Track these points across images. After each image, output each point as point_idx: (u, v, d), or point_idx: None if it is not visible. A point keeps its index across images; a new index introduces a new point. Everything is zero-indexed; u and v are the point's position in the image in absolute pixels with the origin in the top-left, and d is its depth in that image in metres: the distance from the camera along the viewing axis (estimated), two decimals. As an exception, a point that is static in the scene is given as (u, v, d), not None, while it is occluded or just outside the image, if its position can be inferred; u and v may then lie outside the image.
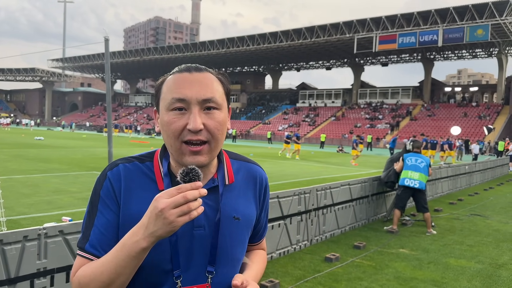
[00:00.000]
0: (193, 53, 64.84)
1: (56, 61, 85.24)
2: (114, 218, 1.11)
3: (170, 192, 0.95)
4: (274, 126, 59.95)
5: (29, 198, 8.76)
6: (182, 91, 1.08)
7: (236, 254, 1.19)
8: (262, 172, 1.33)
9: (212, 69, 1.19)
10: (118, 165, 1.16)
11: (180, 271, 1.10)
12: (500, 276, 5.19)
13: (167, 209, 0.93)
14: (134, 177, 1.14)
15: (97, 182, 1.15)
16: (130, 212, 1.10)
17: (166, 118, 1.09)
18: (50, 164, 15.37)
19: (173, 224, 0.94)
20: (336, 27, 51.24)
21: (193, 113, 1.07)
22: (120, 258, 0.99)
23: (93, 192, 1.15)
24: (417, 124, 49.82)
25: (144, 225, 0.97)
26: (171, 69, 5.92)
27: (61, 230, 3.15)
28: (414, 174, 7.49)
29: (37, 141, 30.29)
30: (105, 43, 5.24)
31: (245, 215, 1.21)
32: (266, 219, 1.38)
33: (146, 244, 0.97)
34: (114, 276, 1.00)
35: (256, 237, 1.36)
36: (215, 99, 1.10)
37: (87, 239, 1.10)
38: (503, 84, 51.44)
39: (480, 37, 42.56)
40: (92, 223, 1.11)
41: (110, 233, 1.10)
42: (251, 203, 1.25)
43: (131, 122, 75.42)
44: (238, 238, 1.19)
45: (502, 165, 19.85)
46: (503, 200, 11.66)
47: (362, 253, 5.90)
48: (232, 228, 1.17)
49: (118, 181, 1.13)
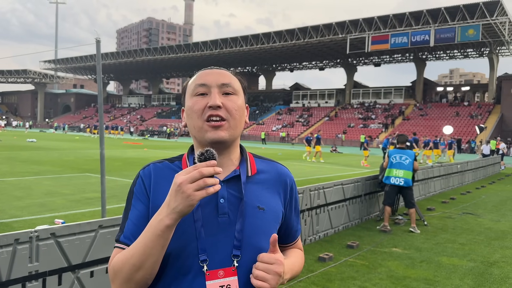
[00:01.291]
0: (186, 54, 64.70)
1: (48, 62, 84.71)
2: (145, 210, 1.18)
3: (188, 169, 1.03)
4: (268, 127, 59.99)
5: (21, 201, 8.70)
6: (203, 77, 1.23)
7: (261, 243, 1.20)
8: (288, 172, 1.38)
9: (230, 70, 1.31)
10: (149, 165, 1.26)
11: (206, 255, 1.13)
12: (491, 274, 5.24)
13: (185, 183, 1.00)
14: (163, 173, 1.23)
15: (132, 183, 1.25)
16: (159, 202, 1.14)
17: (190, 102, 1.22)
18: (42, 166, 15.27)
19: (191, 197, 1.00)
20: (328, 27, 51.41)
21: (213, 93, 1.19)
22: (148, 239, 1.05)
23: (129, 192, 1.25)
24: (410, 123, 50.10)
25: (166, 203, 1.04)
26: (164, 70, 5.94)
27: (53, 232, 3.14)
28: (399, 172, 7.54)
29: (30, 143, 30.07)
30: (97, 45, 5.22)
31: (270, 207, 1.24)
32: (298, 220, 1.41)
33: (170, 221, 1.03)
34: (144, 257, 1.06)
35: (289, 238, 1.38)
36: (232, 85, 1.23)
37: (122, 231, 1.18)
38: (494, 83, 51.90)
39: (471, 37, 42.92)
40: (127, 217, 1.20)
41: (142, 223, 1.16)
42: (277, 199, 1.28)
43: (125, 123, 75.14)
44: (263, 228, 1.21)
45: (494, 163, 20.03)
46: (495, 198, 11.77)
47: (355, 253, 5.93)
48: (256, 217, 1.20)
49: (148, 178, 1.22)
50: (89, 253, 3.34)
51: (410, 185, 7.49)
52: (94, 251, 3.37)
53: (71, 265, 3.23)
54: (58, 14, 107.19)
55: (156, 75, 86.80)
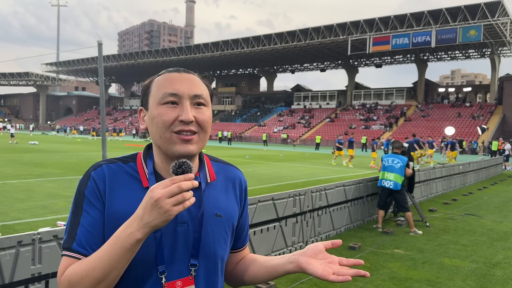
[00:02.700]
0: (187, 56, 64.82)
1: (50, 65, 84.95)
2: (100, 216, 1.11)
3: (165, 183, 0.98)
4: (269, 128, 60.00)
5: (24, 203, 8.72)
6: (175, 86, 1.14)
7: (218, 251, 1.20)
8: (242, 175, 1.37)
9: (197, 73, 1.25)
10: (101, 166, 1.17)
11: (164, 267, 1.11)
12: (494, 275, 5.23)
13: (163, 198, 0.96)
14: (118, 177, 1.16)
15: (81, 182, 1.16)
16: (115, 210, 1.11)
17: (157, 111, 1.13)
18: (44, 169, 15.30)
19: (169, 212, 0.96)
20: (330, 29, 51.45)
21: (185, 105, 1.13)
22: (114, 252, 1.00)
23: (76, 193, 1.16)
24: (412, 124, 50.06)
25: (139, 217, 0.99)
26: (166, 73, 5.64)
27: (55, 235, 3.15)
28: (389, 175, 7.63)
29: (32, 146, 30.14)
30: (99, 47, 5.24)
31: (227, 213, 1.24)
32: (247, 223, 1.40)
33: (141, 235, 0.99)
34: (108, 270, 1.01)
35: (239, 241, 1.37)
36: (204, 96, 1.17)
37: (74, 239, 1.10)
38: (496, 84, 51.83)
39: (473, 37, 42.89)
40: (78, 223, 1.11)
41: (97, 231, 1.10)
42: (233, 202, 1.28)
43: (126, 125, 75.25)
44: (220, 235, 1.21)
45: (496, 164, 19.99)
46: (497, 199, 11.74)
47: (357, 254, 5.93)
48: (214, 225, 1.19)
49: (102, 181, 1.14)
50: (91, 255, 3.35)
51: (399, 188, 7.55)
52: (96, 253, 3.38)
53: (73, 267, 3.23)
54: (59, 17, 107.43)
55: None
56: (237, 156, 25.92)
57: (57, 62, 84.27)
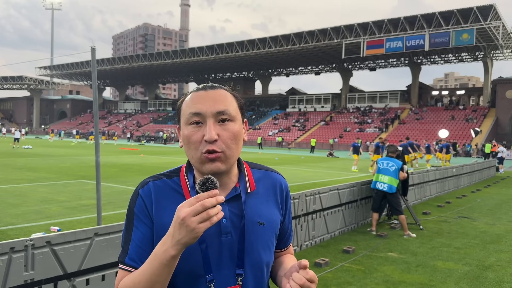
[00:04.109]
0: (182, 59, 64.80)
1: (44, 68, 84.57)
2: (149, 231, 1.20)
3: (190, 201, 1.03)
4: (264, 131, 60.05)
5: (17, 208, 8.67)
6: (198, 106, 1.19)
7: (263, 258, 1.25)
8: (283, 179, 1.40)
9: (227, 86, 1.29)
10: (148, 183, 1.25)
11: (212, 275, 1.18)
12: (487, 277, 5.27)
13: (188, 217, 1.00)
14: (163, 192, 1.24)
15: (131, 200, 1.25)
16: (163, 224, 1.18)
17: (186, 132, 1.20)
18: (38, 173, 15.22)
19: (196, 230, 1.01)
20: (324, 32, 51.68)
21: (208, 125, 1.17)
22: (154, 267, 1.07)
23: (128, 210, 1.25)
24: (406, 127, 50.31)
25: (170, 235, 1.04)
26: (161, 76, 5.98)
27: (48, 241, 3.14)
28: (384, 178, 7.70)
29: (25, 150, 29.96)
30: (92, 53, 5.23)
31: (270, 220, 1.28)
32: (291, 224, 1.44)
33: (175, 252, 1.04)
34: (150, 284, 1.09)
35: (282, 243, 1.41)
36: (228, 111, 1.20)
37: (126, 253, 1.20)
38: (489, 87, 52.25)
39: (466, 41, 43.26)
40: (130, 238, 1.21)
41: (146, 245, 1.19)
42: (274, 209, 1.32)
43: (121, 129, 75.02)
44: (264, 242, 1.25)
45: (489, 167, 20.12)
46: (490, 202, 11.82)
47: (351, 258, 5.95)
48: (258, 233, 1.24)
49: (149, 198, 1.22)
50: (84, 261, 3.35)
51: (393, 191, 7.60)
52: (89, 259, 3.38)
53: (66, 273, 3.23)
54: (53, 20, 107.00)
55: (152, 80, 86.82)
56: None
57: (51, 65, 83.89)
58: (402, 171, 7.79)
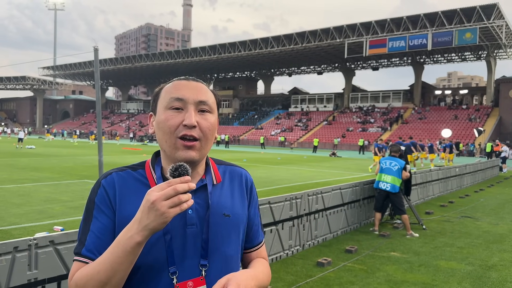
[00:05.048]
0: (185, 59, 64.84)
1: (47, 69, 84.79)
2: (109, 222, 1.16)
3: (161, 186, 1.01)
4: (266, 131, 60.03)
5: (20, 208, 8.70)
6: (181, 92, 1.19)
7: (228, 251, 1.23)
8: (247, 173, 1.41)
9: (206, 83, 1.29)
10: (111, 174, 1.22)
11: (175, 267, 1.15)
12: (490, 277, 5.25)
13: (159, 200, 0.98)
14: (127, 183, 1.21)
15: (92, 191, 1.21)
16: (126, 215, 1.14)
17: (164, 116, 1.18)
18: (41, 173, 15.27)
19: (165, 215, 0.98)
20: (326, 32, 51.61)
21: (189, 111, 1.17)
22: (116, 255, 1.03)
23: (88, 201, 1.21)
24: (408, 127, 50.20)
25: (137, 220, 1.02)
26: (163, 76, 5.99)
27: (51, 240, 3.16)
28: (387, 177, 7.70)
29: (28, 150, 30.07)
30: (95, 53, 5.25)
31: (235, 213, 1.27)
32: (258, 220, 1.40)
33: (140, 238, 1.01)
34: (111, 273, 1.04)
35: (251, 240, 1.36)
36: (209, 103, 1.21)
37: (83, 244, 1.14)
38: (492, 86, 52.06)
39: (469, 40, 43.11)
40: (88, 229, 1.16)
41: (106, 237, 1.14)
42: (240, 201, 1.31)
43: (124, 129, 75.16)
44: (229, 235, 1.24)
45: (493, 166, 20.06)
46: (493, 201, 11.79)
47: (354, 257, 5.95)
48: (223, 225, 1.22)
49: (112, 188, 1.19)
50: (87, 260, 3.35)
51: (396, 191, 7.60)
52: (92, 258, 3.38)
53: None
54: (56, 20, 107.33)
55: (155, 80, 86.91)
56: (235, 159, 25.89)
57: (54, 66, 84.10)
58: (405, 171, 7.77)
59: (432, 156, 24.01)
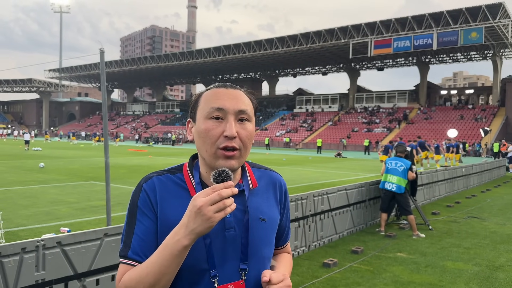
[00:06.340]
0: (189, 61, 65.00)
1: (52, 71, 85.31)
2: (152, 225, 1.20)
3: (206, 191, 1.05)
4: (271, 132, 60.02)
5: (27, 210, 8.76)
6: (221, 102, 1.20)
7: (265, 253, 1.27)
8: (281, 178, 1.44)
9: (243, 88, 1.32)
10: (152, 178, 1.26)
11: (216, 271, 1.18)
12: (497, 278, 5.22)
13: (205, 206, 1.02)
14: (167, 187, 1.24)
15: (134, 194, 1.24)
16: (167, 218, 1.18)
17: (204, 126, 1.20)
18: (48, 175, 15.36)
19: (211, 219, 1.03)
20: (331, 32, 51.52)
21: (230, 121, 1.19)
22: (164, 258, 1.07)
23: (130, 204, 1.24)
24: (414, 127, 49.97)
25: (184, 224, 1.06)
26: (168, 77, 5.98)
27: (59, 241, 3.18)
28: (392, 178, 7.67)
29: (35, 152, 30.25)
30: (101, 55, 5.28)
31: (270, 217, 1.31)
32: (289, 223, 1.46)
33: (187, 242, 1.05)
34: (159, 276, 1.08)
35: (280, 241, 1.44)
36: (247, 112, 1.23)
37: (129, 247, 1.18)
38: (498, 86, 51.72)
39: (474, 40, 42.85)
40: (133, 232, 1.20)
41: (150, 239, 1.18)
42: (274, 206, 1.35)
43: (129, 130, 75.45)
44: (266, 238, 1.28)
45: (499, 166, 19.93)
46: (500, 202, 11.71)
47: (360, 258, 5.93)
48: (260, 229, 1.26)
49: (153, 192, 1.22)
50: (94, 261, 3.38)
51: (402, 191, 7.57)
52: (99, 259, 3.41)
53: (77, 273, 3.26)
54: (62, 23, 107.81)
55: (160, 82, 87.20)
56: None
57: (59, 68, 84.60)
58: (411, 171, 7.75)
59: (438, 157, 23.86)
